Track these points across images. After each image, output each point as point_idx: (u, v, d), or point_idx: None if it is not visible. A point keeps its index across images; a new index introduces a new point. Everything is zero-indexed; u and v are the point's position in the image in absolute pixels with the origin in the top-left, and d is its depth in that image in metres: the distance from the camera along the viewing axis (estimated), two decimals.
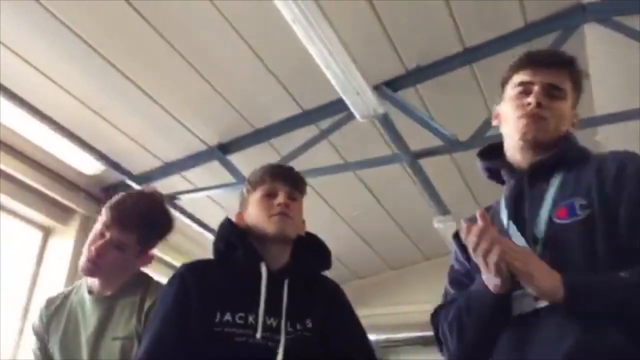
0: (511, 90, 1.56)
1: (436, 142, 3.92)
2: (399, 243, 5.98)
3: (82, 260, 1.85)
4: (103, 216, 1.87)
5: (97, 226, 1.87)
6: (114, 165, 4.15)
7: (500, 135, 1.63)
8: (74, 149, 3.79)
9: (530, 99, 1.49)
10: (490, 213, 1.54)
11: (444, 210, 4.43)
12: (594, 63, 3.73)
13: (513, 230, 1.43)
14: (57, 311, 1.91)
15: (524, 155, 1.52)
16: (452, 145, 3.84)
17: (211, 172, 4.51)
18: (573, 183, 1.43)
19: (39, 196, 4.30)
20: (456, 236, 1.63)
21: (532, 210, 1.44)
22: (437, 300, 6.12)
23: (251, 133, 4.39)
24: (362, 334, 1.75)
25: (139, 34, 3.47)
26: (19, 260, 4.43)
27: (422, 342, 6.00)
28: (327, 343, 1.64)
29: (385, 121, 3.40)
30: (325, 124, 4.21)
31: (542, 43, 3.79)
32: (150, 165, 4.48)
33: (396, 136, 3.64)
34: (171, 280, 1.67)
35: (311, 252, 1.77)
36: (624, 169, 1.38)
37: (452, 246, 1.67)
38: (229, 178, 4.42)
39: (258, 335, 1.53)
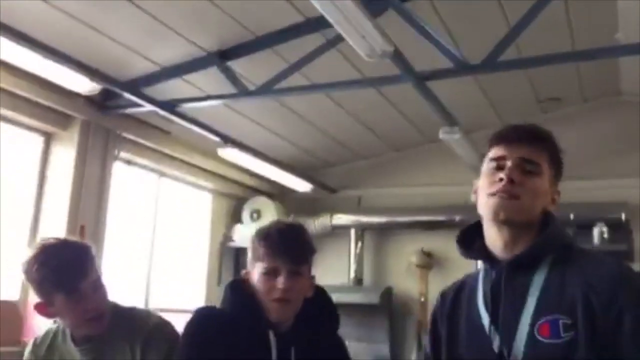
0: (486, 165, 1.47)
1: (445, 61, 3.73)
2: (400, 126, 5.90)
3: (88, 323, 1.82)
4: (58, 288, 1.80)
5: (61, 299, 1.80)
6: (109, 81, 4.00)
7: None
8: (68, 72, 3.64)
9: (502, 175, 1.40)
10: (462, 290, 1.53)
11: (451, 121, 4.33)
12: None
13: (497, 340, 1.38)
14: (49, 351, 1.92)
15: (500, 237, 1.43)
16: (461, 68, 3.65)
17: (211, 79, 4.36)
18: (557, 291, 1.35)
19: (38, 106, 4.23)
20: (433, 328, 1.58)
21: (511, 314, 1.38)
22: (438, 182, 6.26)
23: (252, 40, 4.17)
24: None
25: None
26: (23, 168, 4.46)
27: (422, 226, 6.19)
28: None
29: (394, 56, 3.20)
30: (332, 32, 3.98)
31: None
32: (146, 72, 4.32)
33: (403, 65, 3.45)
34: (192, 331, 1.63)
35: (319, 310, 1.74)
36: (617, 296, 1.29)
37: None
38: (229, 86, 4.29)
39: None
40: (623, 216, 5.38)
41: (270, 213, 6.30)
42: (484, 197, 1.43)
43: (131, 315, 1.91)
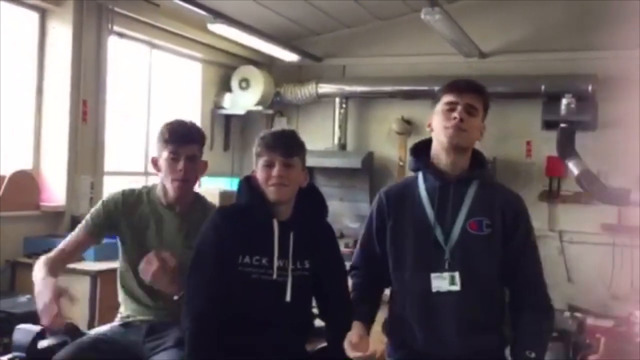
0: (441, 107, 2.07)
1: None
2: None
3: (173, 184, 2.23)
4: (167, 144, 2.21)
5: (165, 156, 2.23)
6: None
7: None
8: None
9: (456, 115, 2.02)
10: (405, 192, 2.13)
11: (432, 2, 4.51)
12: None
13: (438, 230, 2.04)
14: (133, 206, 2.31)
15: (447, 155, 2.06)
16: None
17: None
18: (483, 202, 2.06)
19: None
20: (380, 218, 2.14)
21: (452, 213, 2.05)
22: (419, 53, 6.54)
23: None
24: (342, 273, 2.22)
25: None
26: (23, 46, 4.63)
27: (403, 95, 6.52)
28: (318, 279, 2.12)
29: None
30: None
31: None
32: None
33: None
34: (210, 225, 2.08)
35: (312, 202, 2.14)
36: (518, 215, 2.10)
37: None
38: None
39: (274, 274, 2.01)
40: (590, 88, 5.72)
41: (258, 82, 6.56)
42: (442, 129, 2.04)
43: (205, 201, 2.41)
